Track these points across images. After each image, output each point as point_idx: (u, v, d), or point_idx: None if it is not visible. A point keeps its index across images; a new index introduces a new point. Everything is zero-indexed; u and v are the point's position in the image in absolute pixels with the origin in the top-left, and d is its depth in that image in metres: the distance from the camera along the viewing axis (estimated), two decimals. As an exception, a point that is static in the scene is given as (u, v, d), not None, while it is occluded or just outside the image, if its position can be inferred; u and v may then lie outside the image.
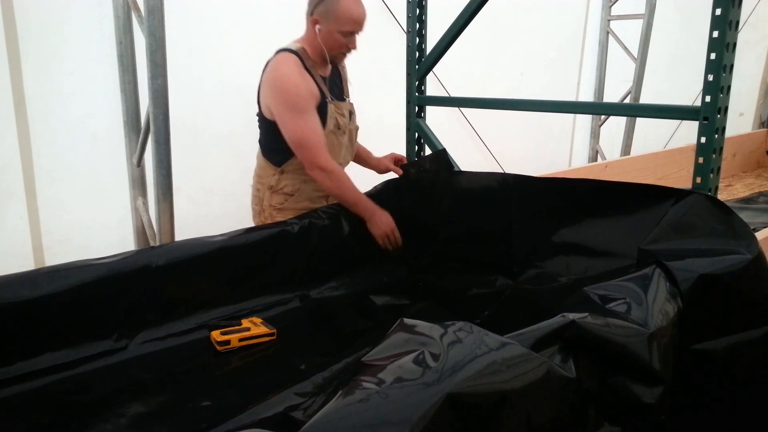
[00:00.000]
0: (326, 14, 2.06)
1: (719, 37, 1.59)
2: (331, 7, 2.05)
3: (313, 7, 2.09)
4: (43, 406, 1.46)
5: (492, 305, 1.98)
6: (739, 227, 1.53)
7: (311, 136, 2.06)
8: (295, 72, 2.05)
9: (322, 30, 2.08)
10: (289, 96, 2.05)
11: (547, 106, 2.33)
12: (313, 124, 2.07)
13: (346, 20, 2.06)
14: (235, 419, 1.34)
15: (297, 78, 2.05)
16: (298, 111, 2.05)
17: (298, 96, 2.04)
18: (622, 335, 1.24)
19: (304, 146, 2.07)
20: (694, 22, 3.81)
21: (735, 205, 3.80)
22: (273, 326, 1.82)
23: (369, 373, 1.08)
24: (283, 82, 2.05)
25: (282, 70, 2.07)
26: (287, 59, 2.08)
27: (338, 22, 2.06)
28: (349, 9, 2.05)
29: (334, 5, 2.05)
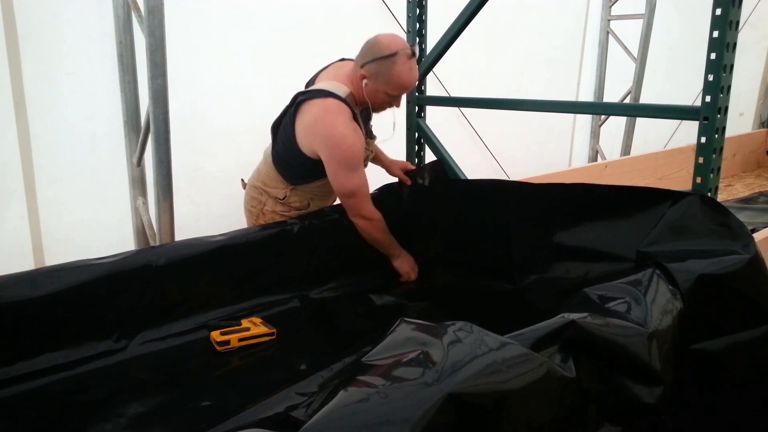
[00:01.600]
0: (377, 75, 1.98)
1: (719, 37, 1.59)
2: (384, 70, 1.97)
3: (365, 62, 2.00)
4: (43, 407, 1.47)
5: (492, 307, 1.98)
6: (737, 227, 1.54)
7: (361, 188, 2.08)
8: (351, 129, 1.99)
9: (369, 86, 2.01)
10: (345, 155, 2.00)
11: (547, 106, 2.33)
12: (364, 177, 2.09)
13: (397, 86, 2.00)
14: (234, 419, 1.34)
15: (353, 137, 1.99)
16: (353, 168, 2.02)
17: (354, 155, 2.01)
18: (622, 335, 1.25)
19: (353, 197, 2.08)
20: (694, 22, 3.81)
21: (735, 205, 3.80)
22: (272, 326, 1.82)
23: (369, 372, 1.09)
24: (339, 141, 1.98)
25: (338, 127, 1.98)
26: (340, 112, 1.99)
27: (388, 85, 1.99)
28: (401, 77, 1.98)
29: (388, 69, 1.96)
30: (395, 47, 1.95)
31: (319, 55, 3.13)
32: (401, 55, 1.95)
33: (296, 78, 3.06)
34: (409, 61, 1.97)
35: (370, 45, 2.01)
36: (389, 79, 1.98)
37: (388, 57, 1.95)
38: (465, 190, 2.27)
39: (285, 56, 3.03)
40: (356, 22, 3.29)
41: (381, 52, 1.96)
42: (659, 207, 1.67)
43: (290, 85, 3.03)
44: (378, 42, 1.99)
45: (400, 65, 1.95)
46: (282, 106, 2.57)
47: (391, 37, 2.01)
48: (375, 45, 1.99)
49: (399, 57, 1.95)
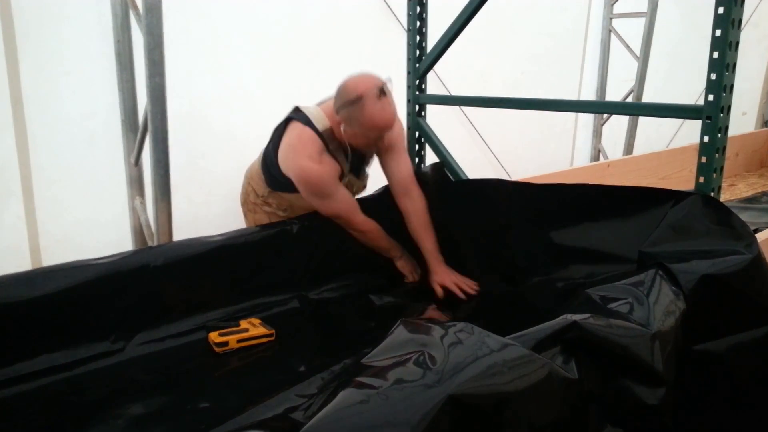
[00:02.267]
0: (350, 120, 1.94)
1: (722, 35, 1.58)
2: (354, 115, 1.91)
3: (337, 108, 1.96)
4: (41, 408, 1.46)
5: (493, 308, 1.97)
6: (739, 227, 1.53)
7: (343, 209, 2.08)
8: (315, 161, 1.98)
9: (347, 131, 1.97)
10: (312, 187, 2.01)
11: (549, 105, 2.32)
12: (342, 198, 2.06)
13: (371, 128, 1.93)
14: (233, 420, 1.33)
15: (317, 168, 1.98)
16: (324, 196, 2.03)
17: (320, 185, 2.01)
18: (624, 336, 1.24)
19: (340, 218, 2.10)
20: (696, 21, 3.79)
21: (738, 204, 3.79)
22: (271, 327, 1.81)
23: (369, 374, 1.08)
24: (304, 174, 1.99)
25: (303, 160, 1.98)
26: (310, 144, 1.98)
27: (362, 128, 1.94)
28: (373, 119, 1.90)
29: (358, 113, 1.90)
30: (361, 89, 1.88)
31: (318, 53, 3.14)
32: (368, 97, 1.87)
33: (295, 77, 3.07)
34: (379, 101, 1.88)
35: (340, 89, 1.96)
36: (361, 122, 1.91)
37: (356, 101, 1.88)
38: (465, 191, 2.25)
39: (284, 55, 3.02)
40: (357, 21, 3.29)
41: (348, 96, 1.91)
42: (661, 207, 1.66)
43: (289, 84, 3.05)
44: (346, 86, 1.94)
45: (369, 107, 1.88)
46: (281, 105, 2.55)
47: (359, 79, 1.94)
48: (343, 89, 1.94)
49: (366, 99, 1.87)
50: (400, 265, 2.24)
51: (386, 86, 1.92)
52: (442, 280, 2.08)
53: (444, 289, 2.08)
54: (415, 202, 2.17)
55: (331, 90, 2.45)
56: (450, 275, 2.09)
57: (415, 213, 2.16)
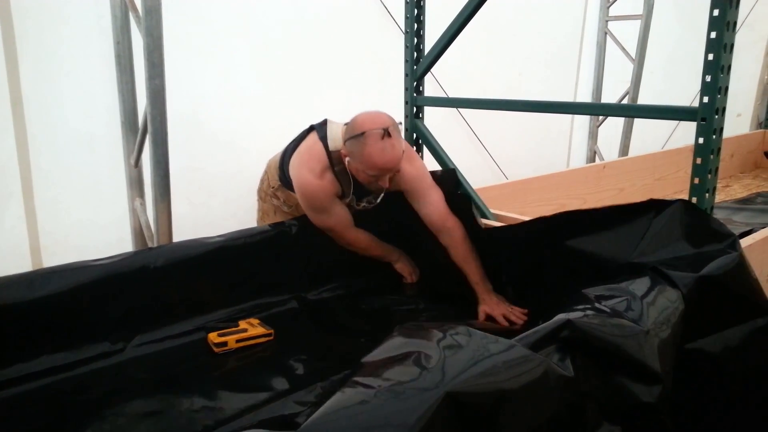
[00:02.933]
0: (352, 154, 1.93)
1: (717, 37, 1.59)
2: (356, 150, 1.90)
3: (345, 139, 1.96)
4: (41, 408, 1.47)
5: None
6: (720, 228, 1.57)
7: (335, 225, 2.11)
8: (316, 178, 2.00)
9: (351, 164, 1.97)
10: (308, 200, 2.05)
11: (545, 107, 2.33)
12: (336, 214, 2.09)
13: (369, 166, 1.91)
14: (232, 421, 1.34)
15: (315, 183, 2.01)
16: (319, 210, 2.07)
17: (315, 200, 2.05)
18: (619, 334, 1.25)
19: (330, 231, 2.13)
20: (692, 23, 3.81)
21: (733, 205, 3.80)
22: (270, 327, 1.82)
23: (366, 373, 1.09)
24: (302, 186, 2.04)
25: (304, 173, 2.02)
26: (316, 161, 2.01)
27: (362, 164, 1.92)
28: (372, 157, 1.88)
29: (359, 149, 1.89)
30: (367, 126, 1.88)
31: (317, 56, 3.15)
32: (371, 135, 1.86)
33: (294, 79, 3.08)
34: (382, 142, 1.86)
35: (351, 122, 1.97)
36: (361, 159, 1.90)
37: (359, 136, 1.88)
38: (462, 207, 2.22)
39: (283, 57, 3.03)
40: (355, 24, 3.30)
41: (354, 131, 1.91)
42: (643, 218, 1.68)
43: (288, 86, 3.05)
44: (355, 120, 1.95)
45: (370, 145, 1.87)
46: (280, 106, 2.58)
47: (368, 116, 1.93)
48: (352, 122, 1.95)
49: (369, 137, 1.86)
50: (398, 267, 2.30)
51: (393, 129, 1.90)
52: (491, 310, 1.99)
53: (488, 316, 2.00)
54: (453, 236, 2.09)
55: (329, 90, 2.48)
56: (499, 306, 2.00)
57: (454, 246, 2.09)
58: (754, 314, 1.49)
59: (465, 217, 2.12)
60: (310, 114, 2.47)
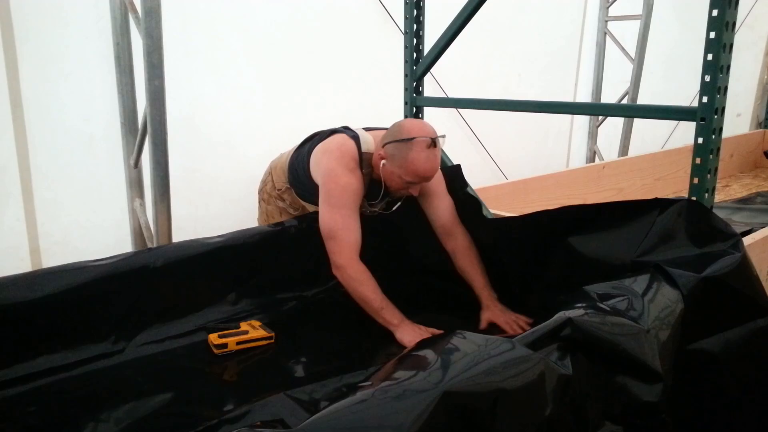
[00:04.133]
0: (393, 157, 1.90)
1: (716, 37, 1.59)
2: (399, 153, 1.88)
3: (385, 142, 1.93)
4: (41, 408, 1.47)
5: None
6: (724, 228, 1.57)
7: (342, 231, 1.90)
8: (347, 169, 1.95)
9: (386, 167, 1.94)
10: (331, 189, 1.94)
11: (545, 107, 2.33)
12: (351, 221, 1.93)
13: (410, 172, 1.89)
14: (232, 422, 1.34)
15: (347, 176, 1.94)
16: (336, 205, 1.93)
17: (339, 192, 1.93)
18: (620, 333, 1.25)
19: (332, 239, 1.91)
20: (691, 23, 3.82)
21: (732, 205, 3.80)
22: (271, 330, 1.81)
23: (365, 374, 1.09)
24: (332, 175, 1.95)
25: (336, 163, 1.96)
26: (348, 156, 1.97)
27: (402, 169, 1.90)
28: (415, 163, 1.87)
29: (404, 153, 1.87)
30: (415, 132, 1.88)
31: (316, 56, 3.15)
32: (419, 142, 1.86)
33: (293, 80, 3.08)
34: (428, 150, 1.86)
35: (395, 127, 1.95)
36: (403, 163, 1.88)
37: (406, 141, 1.87)
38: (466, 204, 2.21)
39: (282, 58, 3.03)
40: (354, 24, 3.30)
41: (400, 135, 1.89)
42: (648, 216, 1.68)
43: (287, 87, 3.06)
44: (402, 125, 1.95)
45: (416, 152, 1.86)
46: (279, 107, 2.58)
47: (417, 123, 1.95)
48: (398, 126, 1.94)
49: (416, 143, 1.86)
50: (399, 336, 1.83)
51: (438, 141, 1.90)
52: (495, 317, 1.95)
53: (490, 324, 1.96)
54: (459, 242, 2.09)
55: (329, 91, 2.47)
56: (504, 314, 1.96)
57: (460, 252, 2.09)
58: (755, 315, 1.49)
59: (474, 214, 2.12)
60: (310, 114, 2.48)
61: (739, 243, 1.51)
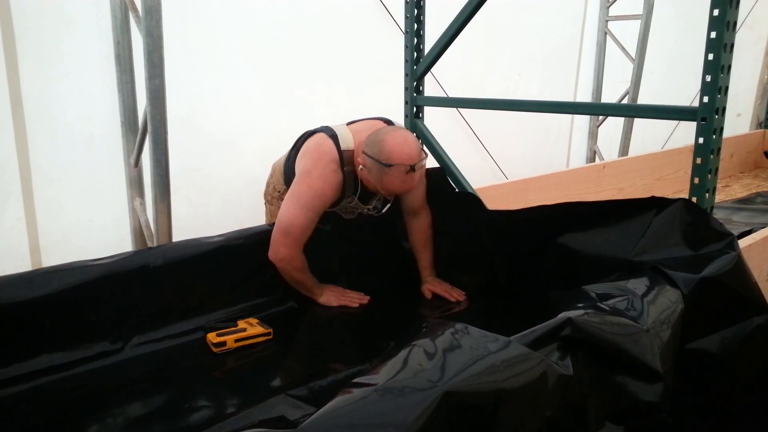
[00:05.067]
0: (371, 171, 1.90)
1: (717, 37, 1.59)
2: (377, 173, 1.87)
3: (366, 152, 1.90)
4: (40, 407, 1.47)
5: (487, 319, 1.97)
6: (719, 228, 1.58)
7: (299, 231, 1.95)
8: (325, 178, 1.95)
9: (363, 173, 1.94)
10: (305, 193, 1.95)
11: (545, 107, 2.33)
12: (311, 224, 1.97)
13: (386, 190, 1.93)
14: (231, 420, 1.34)
15: (320, 180, 1.94)
16: (306, 208, 1.94)
17: (314, 197, 1.94)
18: (620, 333, 1.25)
19: (288, 234, 1.94)
20: (691, 23, 3.81)
21: (733, 205, 3.80)
22: (269, 326, 1.81)
23: (367, 373, 1.08)
24: (306, 174, 1.96)
25: (313, 165, 1.96)
26: (329, 160, 1.96)
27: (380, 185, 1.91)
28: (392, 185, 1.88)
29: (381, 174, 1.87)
30: (395, 158, 1.83)
31: (316, 56, 3.15)
32: (397, 168, 1.84)
33: (293, 79, 3.08)
34: (405, 175, 1.86)
35: (378, 140, 1.88)
36: (380, 181, 1.90)
37: (385, 165, 1.84)
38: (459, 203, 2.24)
39: (282, 57, 3.03)
40: (354, 24, 3.30)
41: (380, 156, 1.85)
42: (645, 215, 1.69)
43: (287, 86, 3.05)
44: (384, 143, 1.86)
45: (394, 176, 1.85)
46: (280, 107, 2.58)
47: (398, 144, 1.86)
48: (380, 143, 1.87)
49: (395, 169, 1.84)
50: (323, 300, 2.08)
51: (419, 163, 1.89)
52: (434, 288, 2.19)
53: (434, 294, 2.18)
54: (420, 222, 2.21)
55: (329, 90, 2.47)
56: (440, 285, 2.19)
57: (419, 230, 2.21)
58: (752, 313, 1.50)
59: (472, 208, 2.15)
60: (310, 114, 2.47)
61: (734, 243, 1.52)
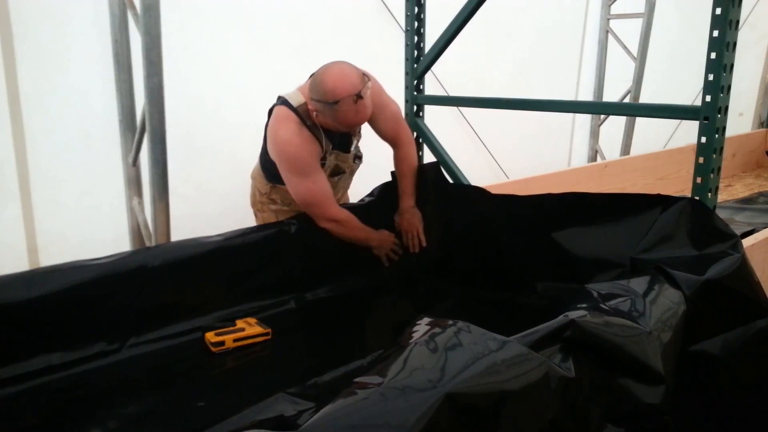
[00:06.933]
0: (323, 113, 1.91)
1: (719, 36, 1.58)
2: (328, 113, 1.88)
3: (312, 97, 1.92)
4: (38, 407, 1.47)
5: (487, 313, 1.96)
6: (724, 228, 1.58)
7: (318, 194, 2.03)
8: (296, 135, 1.97)
9: (319, 118, 1.96)
10: (292, 162, 1.99)
11: (547, 106, 2.32)
12: (320, 182, 2.03)
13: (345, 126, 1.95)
14: (230, 420, 1.33)
15: (298, 143, 1.97)
16: (304, 174, 1.99)
17: (301, 161, 1.98)
18: (622, 335, 1.24)
19: (313, 204, 2.05)
20: (693, 22, 3.79)
21: (735, 205, 3.79)
22: (267, 326, 1.81)
23: (368, 372, 1.08)
24: (283, 147, 1.98)
25: (282, 135, 1.98)
26: (287, 120, 1.98)
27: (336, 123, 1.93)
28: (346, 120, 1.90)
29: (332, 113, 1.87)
30: (339, 94, 1.83)
31: (316, 53, 3.13)
32: (345, 102, 1.84)
33: (293, 77, 3.06)
34: (355, 105, 1.85)
35: (317, 83, 1.88)
36: (336, 121, 1.91)
37: (332, 104, 1.84)
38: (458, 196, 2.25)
39: (282, 56, 3.01)
40: (355, 21, 3.29)
41: (326, 97, 1.85)
42: (651, 212, 1.69)
43: (287, 84, 3.03)
44: (324, 82, 1.86)
45: (344, 111, 1.85)
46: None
47: (338, 77, 1.85)
48: (320, 85, 1.87)
49: (343, 104, 1.84)
50: (377, 252, 2.21)
51: (364, 89, 1.87)
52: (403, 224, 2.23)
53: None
54: (401, 150, 2.27)
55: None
56: (411, 225, 2.23)
57: (399, 159, 2.28)
58: (755, 316, 1.49)
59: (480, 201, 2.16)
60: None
61: (738, 244, 1.52)
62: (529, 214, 2.02)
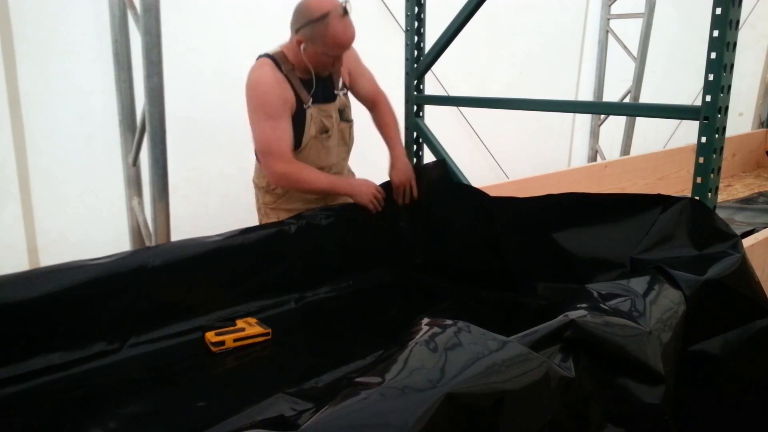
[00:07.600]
0: (313, 38, 1.96)
1: (719, 36, 1.58)
2: (318, 32, 1.94)
3: (299, 27, 1.98)
4: (38, 407, 1.46)
5: (488, 312, 1.96)
6: (725, 228, 1.58)
7: (273, 141, 2.01)
8: (267, 76, 2.00)
9: (308, 49, 1.99)
10: (257, 101, 2.01)
11: (546, 106, 2.32)
12: (279, 130, 2.01)
13: (334, 46, 1.97)
14: (230, 420, 1.33)
15: (268, 83, 2.00)
16: (266, 116, 2.00)
17: (266, 101, 2.00)
18: (621, 334, 1.24)
19: (268, 154, 2.03)
20: (693, 22, 3.80)
21: (735, 205, 3.79)
22: (268, 326, 1.81)
23: (367, 372, 1.08)
24: (253, 87, 2.02)
25: (253, 76, 2.03)
26: (261, 64, 2.04)
27: (325, 46, 1.96)
28: (337, 37, 1.95)
29: (323, 31, 1.93)
30: (326, 7, 1.92)
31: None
32: (333, 16, 1.91)
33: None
34: (343, 20, 1.93)
35: (302, 9, 1.97)
36: (325, 41, 1.94)
37: (321, 19, 1.91)
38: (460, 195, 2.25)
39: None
40: (355, 21, 3.28)
41: (312, 15, 1.93)
42: (651, 212, 1.69)
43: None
44: (309, 5, 1.95)
45: (334, 26, 1.92)
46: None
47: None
48: (306, 8, 1.96)
49: (331, 18, 1.91)
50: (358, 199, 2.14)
51: (348, 4, 1.95)
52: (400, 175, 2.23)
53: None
54: (379, 109, 2.32)
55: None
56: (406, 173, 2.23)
57: (379, 115, 2.32)
58: (755, 316, 1.49)
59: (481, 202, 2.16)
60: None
61: (738, 244, 1.52)
62: (530, 214, 2.02)
